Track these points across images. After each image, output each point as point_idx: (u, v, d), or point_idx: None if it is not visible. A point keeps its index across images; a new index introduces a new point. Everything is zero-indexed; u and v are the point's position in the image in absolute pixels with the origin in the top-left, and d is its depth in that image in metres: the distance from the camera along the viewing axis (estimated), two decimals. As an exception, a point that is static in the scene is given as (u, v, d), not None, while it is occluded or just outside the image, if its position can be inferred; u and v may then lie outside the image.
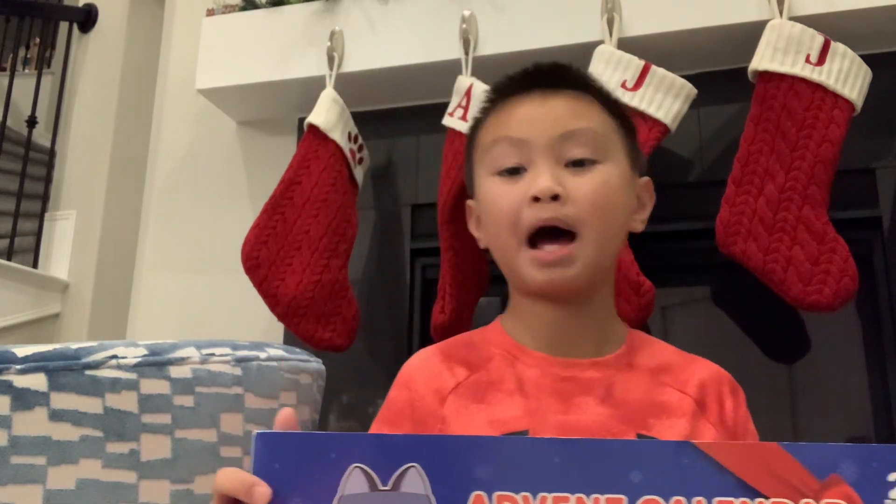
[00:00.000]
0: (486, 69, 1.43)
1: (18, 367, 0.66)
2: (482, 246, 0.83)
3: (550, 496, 0.49)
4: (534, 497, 0.49)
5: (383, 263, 1.61)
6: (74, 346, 0.70)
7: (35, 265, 2.73)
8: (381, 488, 0.50)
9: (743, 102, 1.33)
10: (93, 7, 3.05)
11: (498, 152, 0.78)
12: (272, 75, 1.62)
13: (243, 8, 1.69)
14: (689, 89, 1.32)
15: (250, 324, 1.62)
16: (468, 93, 1.39)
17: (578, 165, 0.76)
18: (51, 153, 2.95)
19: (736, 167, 1.27)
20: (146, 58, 2.71)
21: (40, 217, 2.82)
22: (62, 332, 2.69)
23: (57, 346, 0.69)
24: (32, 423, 0.65)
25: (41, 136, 3.05)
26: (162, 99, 1.91)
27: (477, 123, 0.84)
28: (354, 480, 0.50)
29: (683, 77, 1.33)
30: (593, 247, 0.75)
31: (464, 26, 1.47)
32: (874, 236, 1.37)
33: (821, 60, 1.25)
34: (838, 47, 1.25)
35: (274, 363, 0.86)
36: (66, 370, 0.68)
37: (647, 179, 0.85)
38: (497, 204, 0.77)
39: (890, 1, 1.31)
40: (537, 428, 0.71)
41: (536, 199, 0.74)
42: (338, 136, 1.49)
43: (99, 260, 2.74)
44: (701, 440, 0.72)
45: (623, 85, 1.32)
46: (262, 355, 0.88)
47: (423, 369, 0.79)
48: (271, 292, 1.42)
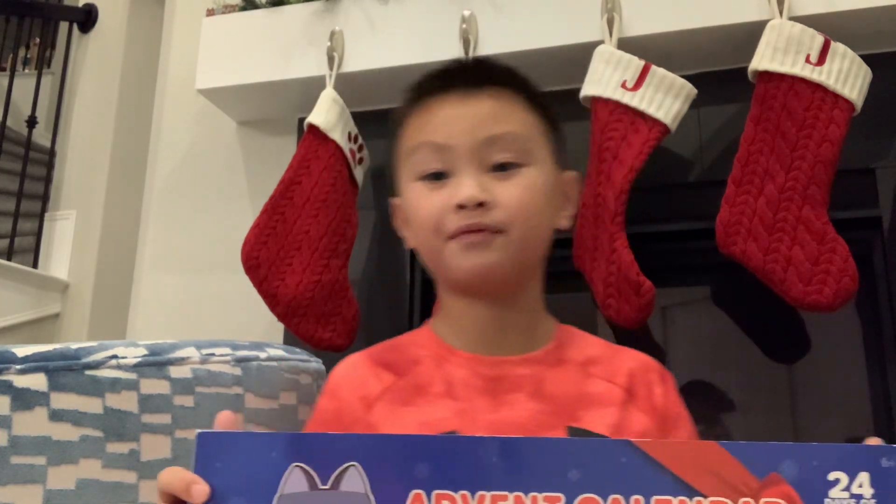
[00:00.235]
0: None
1: (18, 367, 0.66)
2: (409, 246, 0.83)
3: (489, 494, 0.49)
4: (472, 496, 0.49)
5: (383, 263, 1.61)
6: (74, 346, 0.70)
7: (35, 265, 2.73)
8: (321, 487, 0.50)
9: (743, 102, 1.33)
10: (93, 7, 3.05)
11: (420, 157, 0.77)
12: (272, 75, 1.62)
13: (243, 8, 1.69)
14: (689, 89, 1.32)
15: (250, 324, 1.62)
16: (468, 93, 1.39)
17: (502, 169, 0.75)
18: (51, 153, 2.95)
19: (736, 167, 1.27)
20: (146, 58, 2.71)
21: (40, 217, 2.82)
22: (62, 332, 2.69)
23: (57, 346, 0.69)
24: (32, 423, 0.65)
25: (41, 136, 3.05)
26: (162, 99, 1.91)
27: (399, 122, 0.83)
28: (294, 479, 0.50)
29: (683, 77, 1.33)
30: (517, 244, 0.74)
31: (464, 26, 1.47)
32: (874, 236, 1.37)
33: (821, 60, 1.25)
34: (838, 47, 1.25)
35: (274, 363, 0.87)
36: (66, 370, 0.68)
37: (573, 175, 0.84)
38: (422, 211, 0.77)
39: (890, 1, 1.31)
40: (467, 428, 0.71)
41: (461, 207, 0.73)
42: (338, 136, 1.49)
43: (99, 260, 2.73)
44: (631, 428, 0.73)
45: (623, 85, 1.31)
46: (262, 355, 0.88)
47: (349, 377, 0.79)
48: (271, 292, 1.42)
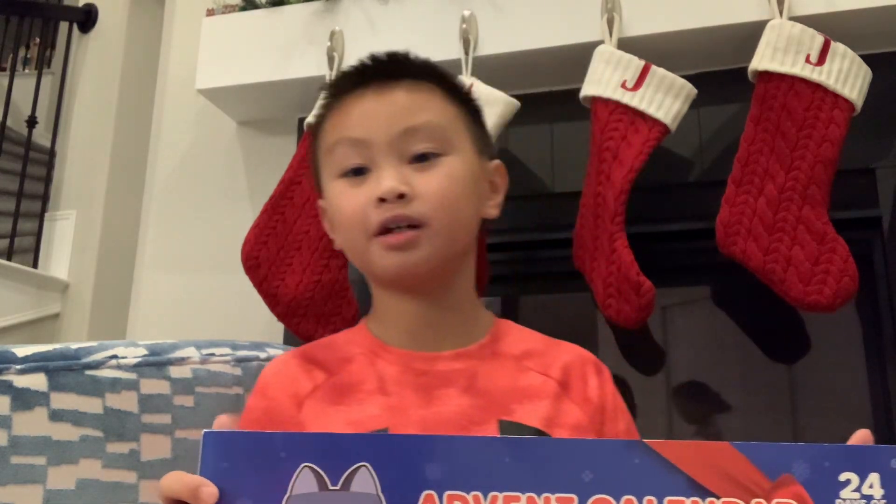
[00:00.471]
0: (486, 69, 1.43)
1: (18, 367, 0.66)
2: (336, 247, 0.83)
3: (501, 495, 0.49)
4: (484, 496, 0.49)
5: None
6: (74, 346, 0.70)
7: (35, 265, 2.74)
8: (331, 488, 0.49)
9: (743, 102, 1.33)
10: (93, 7, 3.05)
11: (340, 155, 0.77)
12: (272, 75, 1.62)
13: (243, 8, 1.69)
14: (689, 89, 1.32)
15: (250, 324, 1.62)
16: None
17: (422, 160, 0.75)
18: (51, 153, 2.95)
19: (736, 167, 1.27)
20: (146, 58, 2.71)
21: (40, 217, 2.82)
22: (62, 332, 2.69)
23: (57, 346, 0.70)
24: (32, 423, 0.65)
25: (41, 136, 3.05)
26: (162, 99, 1.91)
27: (318, 122, 0.83)
28: (304, 480, 0.50)
29: (683, 77, 1.33)
30: (441, 236, 0.74)
31: (464, 26, 1.47)
32: (874, 236, 1.37)
33: (821, 60, 1.25)
34: (838, 47, 1.25)
35: (274, 363, 0.86)
36: (66, 370, 0.68)
37: (498, 163, 0.84)
38: (344, 208, 0.77)
39: (890, 1, 1.30)
40: (397, 424, 0.71)
41: (382, 200, 0.73)
42: (338, 136, 1.48)
43: (99, 260, 2.74)
44: (564, 420, 0.73)
45: (623, 85, 1.31)
46: (262, 355, 0.88)
47: (280, 375, 0.79)
48: (271, 292, 1.42)
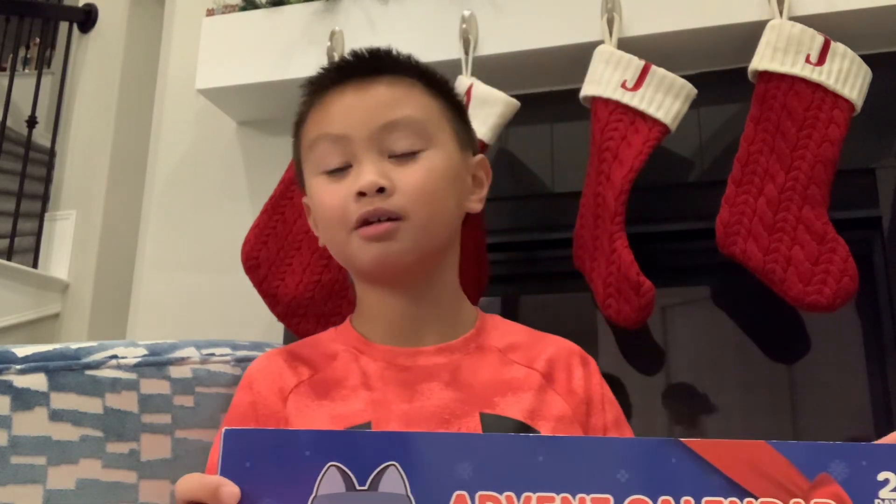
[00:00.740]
0: (486, 69, 1.43)
1: (18, 367, 0.66)
2: (320, 244, 0.83)
3: (535, 496, 0.48)
4: (517, 497, 0.48)
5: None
6: (74, 346, 0.70)
7: (35, 265, 2.74)
8: (359, 488, 0.48)
9: (743, 102, 1.33)
10: (93, 7, 3.05)
11: (321, 151, 0.78)
12: (272, 75, 1.62)
13: (243, 8, 1.69)
14: (689, 89, 1.32)
15: (250, 324, 1.62)
16: (468, 93, 1.39)
17: (403, 156, 0.75)
18: (51, 153, 2.95)
19: (736, 167, 1.27)
20: (146, 58, 2.71)
21: (40, 217, 2.82)
22: (62, 332, 2.69)
23: (57, 346, 0.70)
24: (32, 423, 0.65)
25: (41, 136, 3.05)
26: (162, 99, 1.91)
27: (299, 120, 0.83)
28: (330, 480, 0.48)
29: (683, 77, 1.33)
30: (420, 229, 0.74)
31: (464, 26, 1.47)
32: (874, 236, 1.37)
33: (821, 60, 1.25)
34: (838, 47, 1.25)
35: (274, 363, 0.86)
36: (66, 370, 0.68)
37: (482, 157, 0.84)
38: (325, 203, 0.77)
39: (890, 1, 1.31)
40: (380, 419, 0.71)
41: (362, 194, 0.74)
42: (338, 136, 1.49)
43: (99, 260, 2.74)
44: (548, 411, 0.73)
45: (623, 85, 1.31)
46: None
47: (266, 370, 0.79)
48: (271, 292, 1.42)
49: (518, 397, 0.74)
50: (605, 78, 1.32)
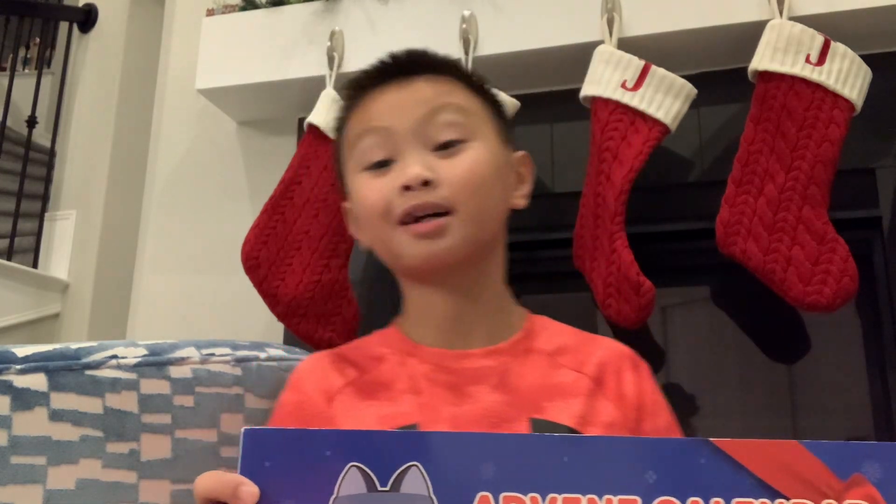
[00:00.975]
0: (486, 69, 1.42)
1: (18, 367, 0.66)
2: (363, 247, 0.81)
3: (560, 497, 0.47)
4: (543, 498, 0.47)
5: (383, 263, 1.61)
6: (74, 346, 0.70)
7: (35, 265, 2.74)
8: (380, 489, 0.47)
9: (743, 102, 1.33)
10: (93, 7, 3.05)
11: (364, 146, 0.76)
12: (272, 75, 1.62)
13: (243, 8, 1.69)
14: (689, 89, 1.32)
15: (250, 324, 1.62)
16: (468, 93, 1.39)
17: (446, 147, 0.74)
18: (51, 153, 2.95)
19: (736, 167, 1.27)
20: (146, 58, 2.71)
21: (40, 217, 2.82)
22: (62, 332, 2.69)
23: (57, 346, 0.69)
24: (32, 423, 0.65)
25: (41, 136, 3.05)
26: (162, 99, 1.91)
27: (341, 123, 0.82)
28: (351, 480, 0.47)
29: (683, 77, 1.33)
30: (469, 222, 0.73)
31: (464, 26, 1.47)
32: (874, 236, 1.37)
33: (821, 60, 1.25)
34: (838, 47, 1.25)
35: (274, 363, 0.86)
36: (66, 370, 0.68)
37: (524, 154, 0.83)
38: (367, 199, 0.75)
39: (890, 1, 1.31)
40: (428, 421, 0.70)
41: (407, 188, 0.72)
42: (338, 136, 1.49)
43: (99, 260, 2.74)
44: (598, 418, 0.71)
45: (623, 85, 1.31)
46: (262, 355, 0.88)
47: (313, 371, 0.79)
48: (271, 292, 1.42)
49: (567, 403, 0.72)
50: (605, 78, 1.32)
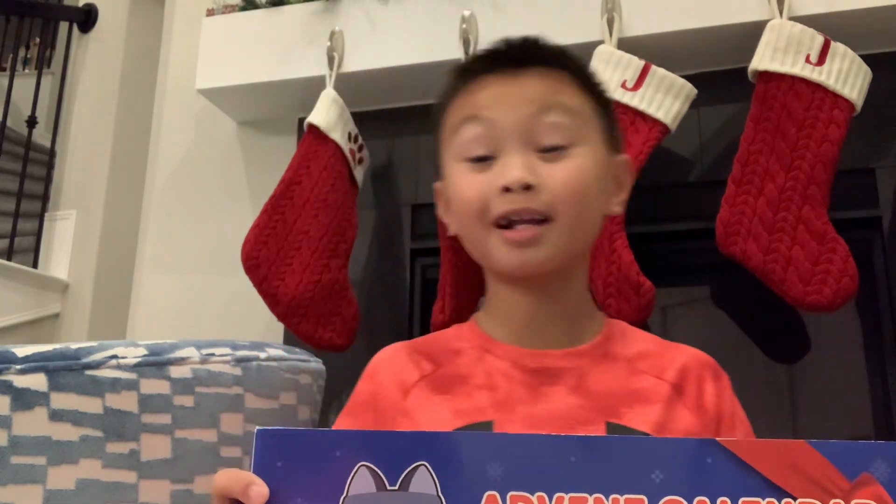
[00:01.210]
0: (486, 69, 1.43)
1: (18, 367, 0.66)
2: (451, 232, 0.80)
3: (567, 496, 0.47)
4: (549, 497, 0.47)
5: (383, 263, 1.61)
6: (74, 346, 0.70)
7: (35, 265, 2.73)
8: (389, 488, 0.48)
9: (743, 102, 1.33)
10: (93, 7, 3.05)
11: (465, 136, 0.74)
12: (272, 75, 1.62)
13: (243, 8, 1.69)
14: (689, 89, 1.32)
15: (250, 324, 1.62)
16: (468, 93, 1.39)
17: (551, 151, 0.72)
18: (51, 153, 2.95)
19: (736, 167, 1.27)
20: (146, 58, 2.71)
21: (40, 217, 2.82)
22: (62, 332, 2.69)
23: (57, 346, 0.69)
24: (32, 423, 0.65)
25: (41, 136, 3.05)
26: (162, 99, 1.91)
27: (444, 104, 0.80)
28: (361, 480, 0.48)
29: (683, 77, 1.33)
30: (567, 232, 0.71)
31: (464, 26, 1.47)
32: (874, 236, 1.37)
33: (821, 60, 1.25)
34: (838, 47, 1.25)
35: (274, 363, 0.86)
36: (66, 370, 0.68)
37: (626, 158, 0.80)
38: (465, 193, 0.73)
39: (890, 1, 1.31)
40: (503, 419, 0.69)
41: (507, 190, 0.70)
42: (338, 137, 1.49)
43: (99, 260, 2.74)
44: (675, 426, 0.70)
45: (623, 85, 1.32)
46: (262, 355, 0.88)
47: (390, 362, 0.78)
48: (271, 292, 1.42)
49: (645, 409, 0.71)
50: (605, 78, 1.32)
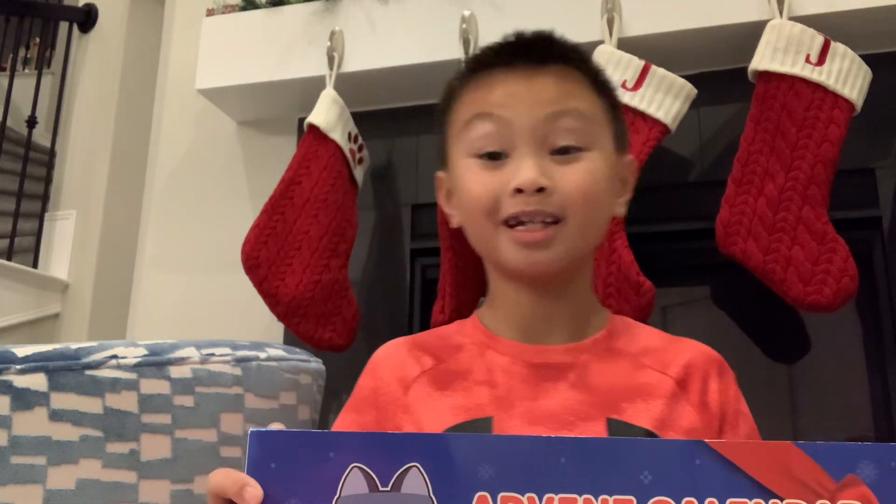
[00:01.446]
0: (486, 69, 1.43)
1: (18, 367, 0.66)
2: (454, 224, 0.80)
3: (557, 497, 0.48)
4: (539, 498, 0.48)
5: (383, 263, 1.61)
6: (74, 346, 0.70)
7: (35, 265, 2.73)
8: (381, 489, 0.48)
9: (743, 102, 1.33)
10: (93, 7, 3.05)
11: (478, 132, 0.74)
12: (272, 75, 1.62)
13: (243, 8, 1.69)
14: (689, 89, 1.32)
15: (250, 324, 1.62)
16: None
17: (564, 153, 0.72)
18: (51, 153, 2.95)
19: (736, 167, 1.27)
20: (146, 58, 2.71)
21: (40, 217, 2.82)
22: (62, 332, 2.69)
23: (57, 346, 0.69)
24: (32, 423, 0.65)
25: (41, 136, 3.05)
26: (162, 99, 1.91)
27: (452, 93, 0.79)
28: (353, 481, 0.49)
29: (683, 77, 1.33)
30: (577, 234, 0.72)
31: (464, 26, 1.47)
32: (874, 236, 1.37)
33: (821, 60, 1.25)
34: (838, 47, 1.25)
35: (274, 363, 0.87)
36: (66, 370, 0.68)
37: (632, 159, 0.81)
38: (476, 190, 0.73)
39: (890, 1, 1.31)
40: (502, 416, 0.70)
41: (519, 191, 0.70)
42: (338, 137, 1.49)
43: (99, 260, 2.74)
44: (678, 423, 0.70)
45: (623, 85, 1.31)
46: (262, 355, 0.88)
47: (390, 358, 0.79)
48: (271, 292, 1.42)
49: (648, 404, 0.71)
50: (605, 78, 1.33)
